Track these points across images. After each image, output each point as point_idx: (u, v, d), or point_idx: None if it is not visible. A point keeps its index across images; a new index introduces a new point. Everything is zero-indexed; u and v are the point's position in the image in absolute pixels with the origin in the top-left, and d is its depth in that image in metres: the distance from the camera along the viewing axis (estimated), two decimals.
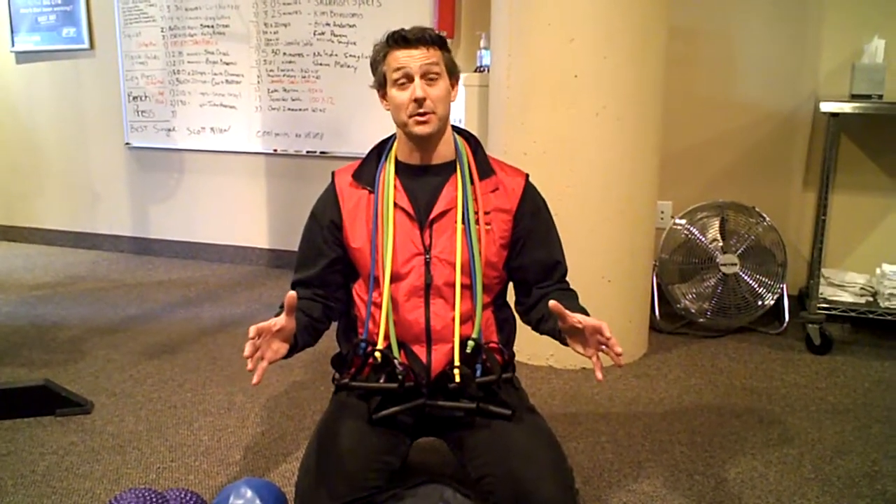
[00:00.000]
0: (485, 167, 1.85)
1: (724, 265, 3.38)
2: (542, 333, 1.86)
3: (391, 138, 1.89)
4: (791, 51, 3.55)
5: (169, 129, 4.75)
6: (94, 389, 2.83)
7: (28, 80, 5.11)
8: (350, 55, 4.24)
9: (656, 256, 3.45)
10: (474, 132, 3.39)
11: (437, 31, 1.77)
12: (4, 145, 5.30)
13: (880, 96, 3.18)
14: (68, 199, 5.21)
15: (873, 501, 2.09)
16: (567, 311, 1.59)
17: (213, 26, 4.50)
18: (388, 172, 1.83)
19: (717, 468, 2.27)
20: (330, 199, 1.88)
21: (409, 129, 1.76)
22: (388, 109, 1.80)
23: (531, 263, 1.88)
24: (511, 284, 1.95)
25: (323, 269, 1.87)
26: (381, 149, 1.89)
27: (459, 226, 1.79)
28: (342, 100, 4.32)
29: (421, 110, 1.72)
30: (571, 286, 1.92)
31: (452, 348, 1.79)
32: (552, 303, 1.59)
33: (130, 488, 1.92)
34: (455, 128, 1.88)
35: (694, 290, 3.45)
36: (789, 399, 2.77)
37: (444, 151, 1.83)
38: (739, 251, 3.39)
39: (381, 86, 1.80)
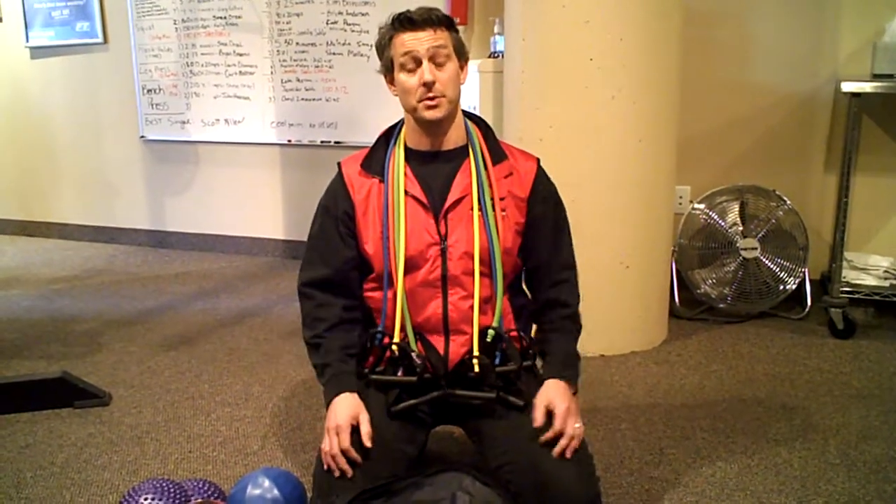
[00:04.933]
0: (497, 151, 1.82)
1: (745, 249, 3.34)
2: None
3: (399, 124, 1.85)
4: (811, 31, 3.48)
5: (183, 122, 4.74)
6: (111, 381, 2.83)
7: (43, 75, 5.12)
8: (363, 44, 4.21)
9: (675, 242, 3.41)
10: (489, 119, 3.39)
11: (444, 13, 1.72)
12: (20, 141, 5.32)
13: None
14: (85, 193, 5.22)
15: None
16: (535, 411, 1.68)
17: (225, 17, 4.48)
18: (398, 160, 1.78)
19: (739, 455, 2.24)
20: (340, 190, 1.82)
21: (419, 113, 1.71)
22: (396, 94, 1.76)
23: (541, 250, 1.85)
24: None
25: (342, 266, 1.81)
26: (389, 135, 1.84)
27: (476, 213, 1.75)
28: (356, 89, 4.29)
29: (430, 94, 1.68)
30: (581, 279, 1.92)
31: (471, 338, 1.76)
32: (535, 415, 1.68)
33: (148, 479, 1.91)
34: (465, 112, 1.84)
35: (714, 276, 3.41)
36: (813, 384, 2.73)
37: (455, 136, 1.79)
38: (760, 235, 3.34)
39: (388, 70, 1.75)
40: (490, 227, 1.75)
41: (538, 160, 1.86)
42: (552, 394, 1.70)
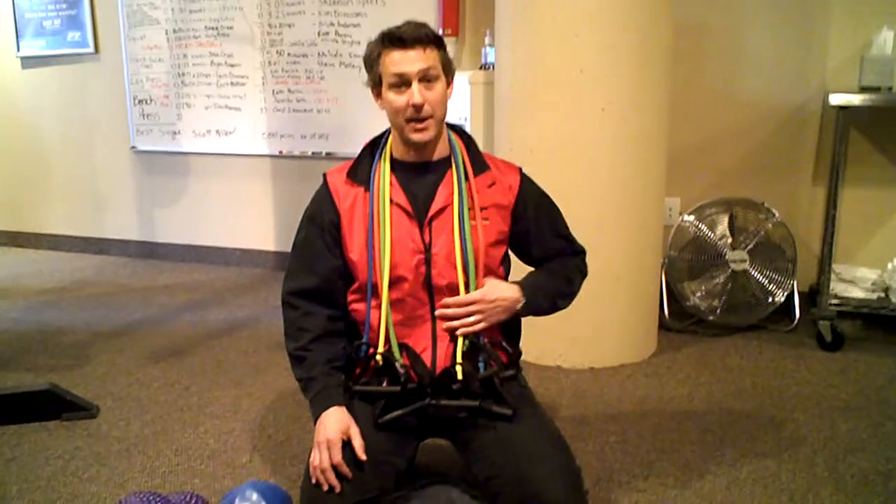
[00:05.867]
0: (479, 162, 1.84)
1: (734, 262, 3.35)
2: None
3: (384, 134, 1.86)
4: (798, 44, 3.51)
5: (174, 132, 4.74)
6: (99, 393, 2.82)
7: (34, 85, 5.11)
8: (354, 55, 4.22)
9: (664, 254, 3.42)
10: (480, 130, 3.40)
11: (433, 30, 1.72)
12: (11, 151, 5.30)
13: (890, 88, 3.14)
14: (75, 203, 5.21)
15: (888, 500, 2.06)
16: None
17: (217, 28, 4.49)
18: (384, 169, 1.80)
19: (728, 467, 2.24)
20: (325, 200, 1.83)
21: (407, 135, 1.73)
22: (383, 108, 1.77)
23: (550, 252, 1.90)
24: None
25: (328, 276, 1.81)
26: (375, 146, 1.86)
27: (456, 222, 1.77)
28: (347, 100, 4.30)
29: (420, 115, 1.70)
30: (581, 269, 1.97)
31: (454, 346, 1.76)
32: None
33: (136, 492, 1.91)
34: (448, 124, 1.86)
35: (703, 288, 3.42)
36: (801, 397, 2.73)
37: (440, 148, 1.81)
38: (749, 248, 3.36)
39: (375, 85, 1.76)
40: (466, 235, 1.76)
41: (520, 169, 1.88)
42: (495, 285, 1.78)
